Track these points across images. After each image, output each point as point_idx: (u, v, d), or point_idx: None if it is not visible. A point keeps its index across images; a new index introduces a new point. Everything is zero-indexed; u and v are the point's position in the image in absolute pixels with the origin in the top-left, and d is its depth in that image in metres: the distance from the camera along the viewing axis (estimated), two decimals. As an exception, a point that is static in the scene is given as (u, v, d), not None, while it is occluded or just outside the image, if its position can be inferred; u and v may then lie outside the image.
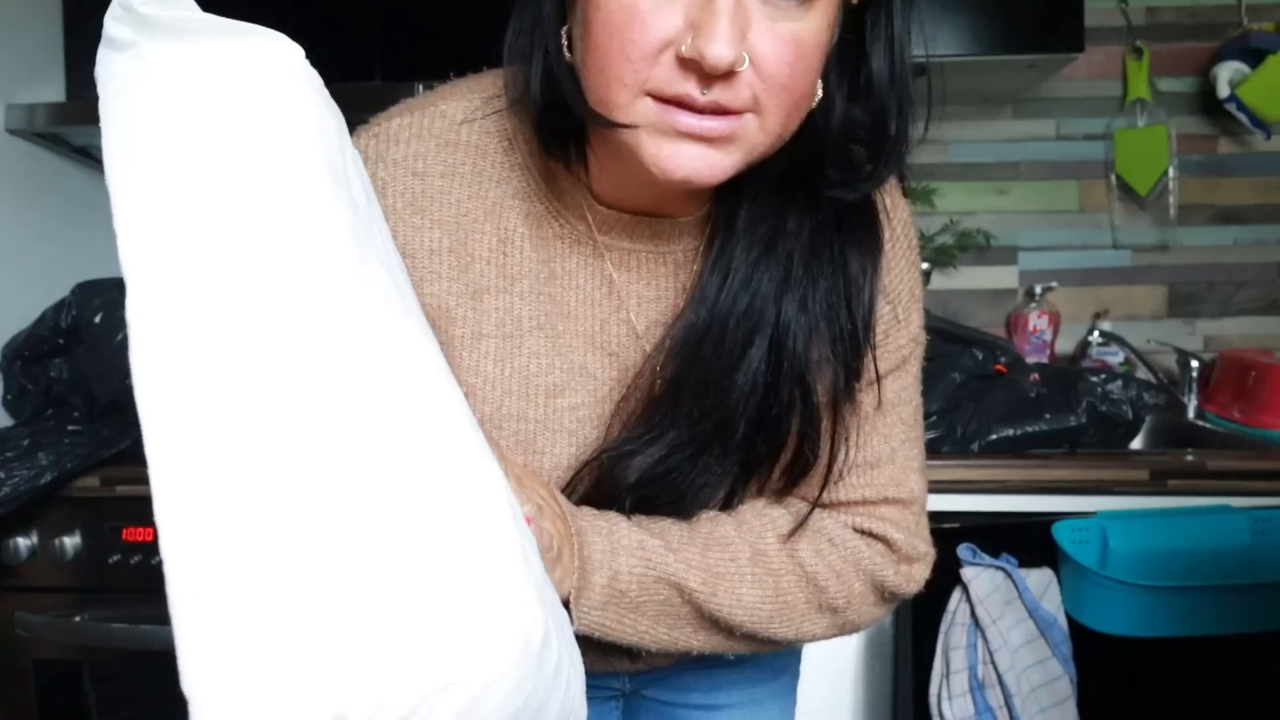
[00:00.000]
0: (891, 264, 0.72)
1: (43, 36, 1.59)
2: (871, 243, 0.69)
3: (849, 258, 0.68)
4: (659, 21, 0.55)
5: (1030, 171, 1.93)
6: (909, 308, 0.73)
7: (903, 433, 0.74)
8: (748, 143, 0.58)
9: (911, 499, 0.75)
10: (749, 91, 0.56)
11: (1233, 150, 1.91)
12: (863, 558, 0.73)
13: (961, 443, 1.32)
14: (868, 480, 0.73)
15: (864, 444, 0.72)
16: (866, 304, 0.68)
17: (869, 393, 0.71)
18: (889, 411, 0.73)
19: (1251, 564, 1.24)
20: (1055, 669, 1.24)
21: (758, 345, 0.67)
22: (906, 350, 0.73)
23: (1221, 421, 1.65)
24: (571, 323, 0.71)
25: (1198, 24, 1.88)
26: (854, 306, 0.68)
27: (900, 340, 0.72)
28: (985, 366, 1.40)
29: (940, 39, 1.54)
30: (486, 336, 0.70)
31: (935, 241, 1.90)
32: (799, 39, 0.56)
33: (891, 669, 1.32)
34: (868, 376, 0.70)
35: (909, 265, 0.73)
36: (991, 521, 1.28)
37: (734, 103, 0.56)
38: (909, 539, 0.74)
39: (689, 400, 0.67)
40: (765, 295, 0.67)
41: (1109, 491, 1.28)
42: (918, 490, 0.75)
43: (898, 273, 0.72)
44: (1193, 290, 1.93)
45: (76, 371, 1.44)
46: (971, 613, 1.24)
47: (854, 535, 0.73)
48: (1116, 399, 1.37)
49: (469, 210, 0.69)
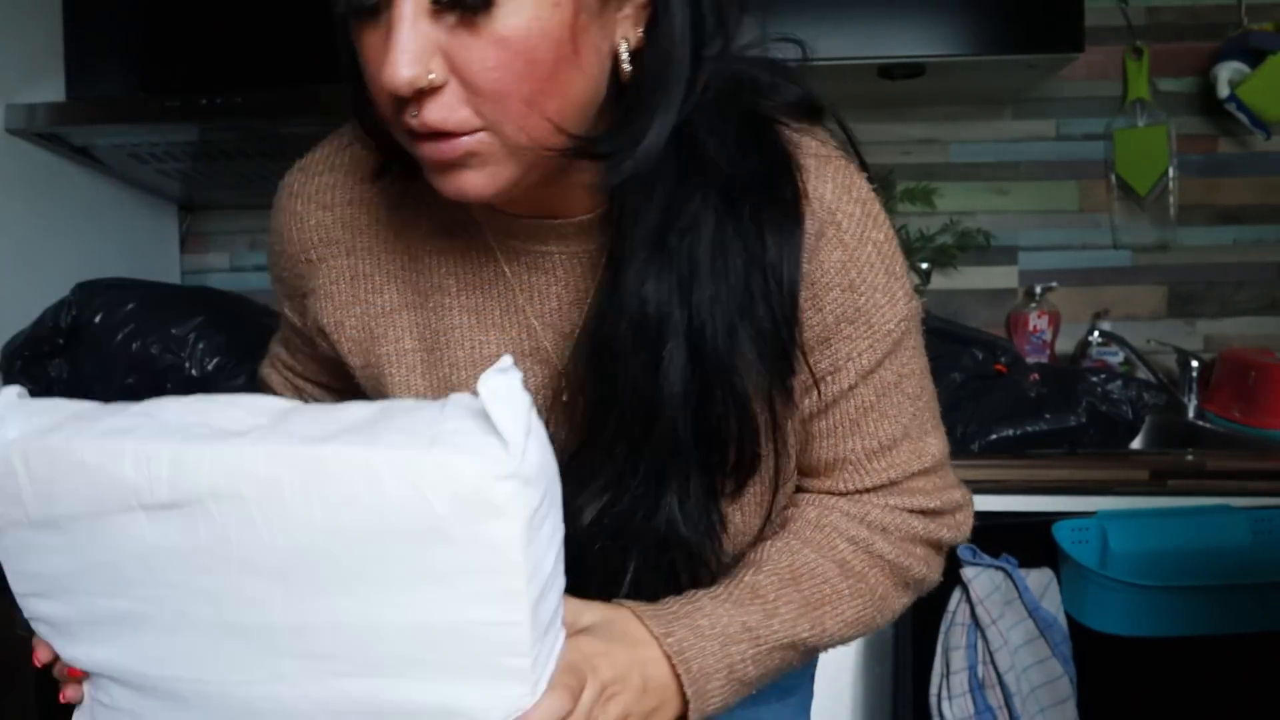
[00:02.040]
0: (828, 250, 0.65)
1: (43, 36, 1.59)
2: (787, 229, 0.63)
3: (765, 247, 0.63)
4: (371, 47, 0.54)
5: (1030, 171, 1.93)
6: (888, 290, 0.67)
7: (911, 407, 0.71)
8: (504, 153, 0.56)
9: (935, 463, 0.73)
10: (466, 107, 0.54)
11: (1233, 150, 1.91)
12: (915, 529, 0.73)
13: (961, 443, 1.32)
14: (888, 463, 0.71)
15: (875, 430, 0.70)
16: (786, 297, 0.63)
17: (867, 385, 0.69)
18: (891, 393, 0.70)
19: (1251, 564, 1.24)
20: (1055, 669, 1.24)
21: (673, 350, 0.62)
22: (898, 331, 0.69)
23: (1221, 421, 1.65)
24: (496, 332, 0.70)
25: (1198, 24, 1.88)
26: (772, 301, 0.63)
27: (887, 325, 0.68)
28: (985, 366, 1.40)
29: (940, 39, 1.54)
30: (410, 352, 0.71)
31: (935, 241, 1.90)
32: (502, 38, 0.52)
33: (891, 669, 1.32)
34: (854, 371, 0.68)
35: (871, 247, 0.66)
36: (991, 521, 1.28)
37: (449, 122, 0.54)
38: (945, 497, 0.74)
39: (618, 419, 0.64)
40: (666, 295, 0.61)
41: (1109, 491, 1.28)
42: (938, 451, 0.73)
43: (848, 259, 0.66)
44: (1193, 290, 1.93)
45: (76, 371, 1.44)
46: (971, 613, 1.24)
47: (898, 511, 0.72)
48: (1116, 399, 1.37)
49: (378, 233, 0.70)
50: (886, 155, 1.94)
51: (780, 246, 0.63)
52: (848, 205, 0.66)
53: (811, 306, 0.66)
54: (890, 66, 1.61)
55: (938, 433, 0.74)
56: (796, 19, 1.54)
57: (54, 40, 1.61)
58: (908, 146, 1.94)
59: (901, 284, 0.69)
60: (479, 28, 0.52)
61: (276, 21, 1.56)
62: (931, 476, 0.73)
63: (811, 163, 0.66)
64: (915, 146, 1.94)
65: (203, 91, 1.49)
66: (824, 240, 0.65)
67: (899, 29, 1.54)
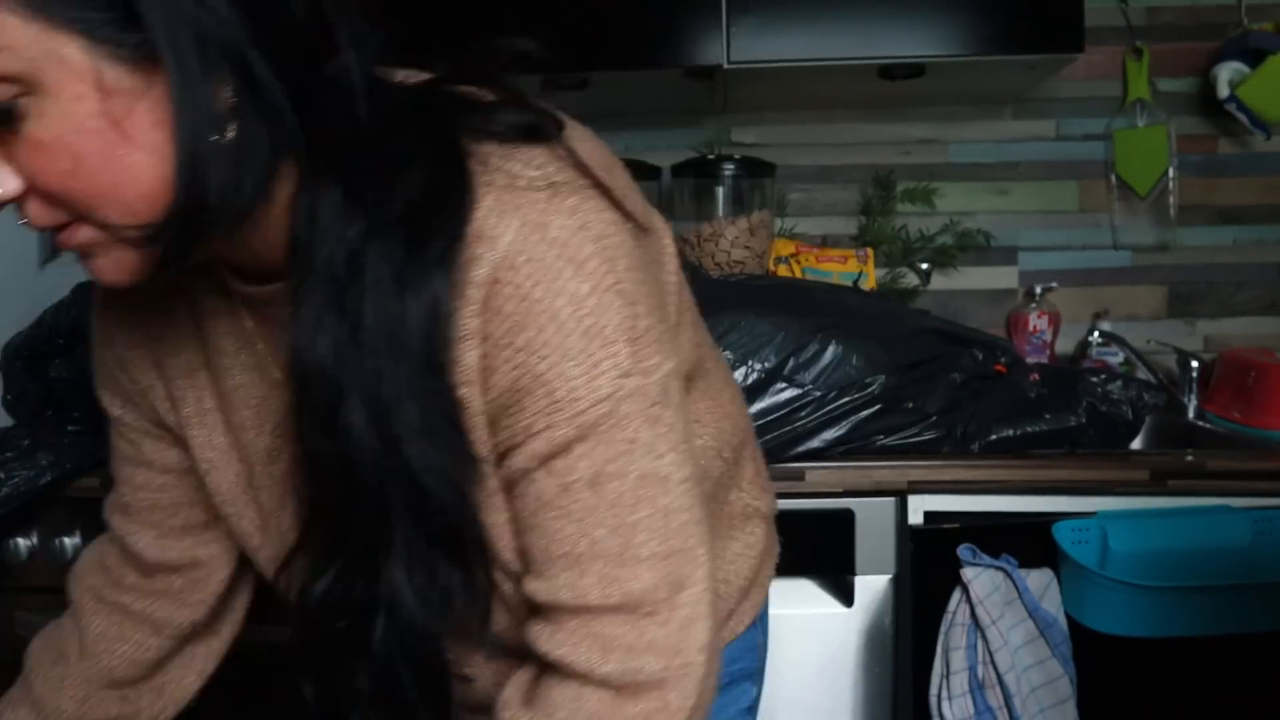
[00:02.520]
0: (501, 301, 0.55)
1: (43, 36, 1.59)
2: (437, 278, 0.54)
3: (422, 296, 0.54)
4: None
5: (1030, 171, 1.93)
6: (586, 357, 0.55)
7: (611, 518, 0.57)
8: (113, 239, 0.54)
9: (634, 604, 0.58)
10: (45, 206, 0.53)
11: (1233, 150, 1.91)
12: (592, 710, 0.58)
13: (961, 443, 1.32)
14: (568, 582, 0.58)
15: (555, 532, 0.58)
16: (434, 356, 0.55)
17: (548, 474, 0.57)
18: (580, 492, 0.57)
19: (1251, 564, 1.24)
20: (1055, 669, 1.24)
21: (352, 413, 0.55)
22: (598, 413, 0.56)
23: (1221, 421, 1.65)
24: (278, 389, 0.67)
25: (1198, 24, 1.88)
26: (431, 358, 0.55)
27: (578, 404, 0.55)
28: (985, 366, 1.40)
29: (940, 39, 1.54)
30: (210, 411, 0.71)
31: (935, 241, 1.90)
32: (38, 142, 0.51)
33: (891, 669, 1.32)
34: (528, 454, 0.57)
35: (563, 301, 0.55)
36: (991, 521, 1.28)
37: (50, 221, 0.54)
38: (642, 662, 0.57)
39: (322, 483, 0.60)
40: (331, 350, 0.55)
41: (1109, 492, 1.28)
42: (646, 587, 0.58)
43: (523, 314, 0.55)
44: (1193, 290, 1.93)
45: (76, 371, 1.44)
46: (971, 613, 1.24)
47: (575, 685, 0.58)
48: (1116, 399, 1.37)
49: (161, 299, 0.70)
50: (886, 155, 1.94)
51: (434, 296, 0.54)
52: (534, 248, 0.54)
53: (488, 367, 0.56)
54: (890, 66, 1.61)
55: (655, 568, 0.58)
56: (797, 19, 1.55)
57: (54, 40, 1.61)
58: (908, 146, 1.94)
59: (611, 352, 0.56)
60: (19, 136, 0.51)
61: (276, 21, 1.56)
62: (629, 624, 0.58)
63: (494, 198, 0.55)
64: (915, 146, 1.94)
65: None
66: (498, 288, 0.55)
67: (899, 29, 1.54)
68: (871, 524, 1.30)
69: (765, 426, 1.26)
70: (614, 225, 0.58)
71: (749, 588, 0.83)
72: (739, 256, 1.66)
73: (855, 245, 1.87)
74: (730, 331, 1.27)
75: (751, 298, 1.35)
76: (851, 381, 1.28)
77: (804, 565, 1.32)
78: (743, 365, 1.26)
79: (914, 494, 1.29)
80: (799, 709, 1.32)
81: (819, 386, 1.27)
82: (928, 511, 1.29)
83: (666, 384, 0.59)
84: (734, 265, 1.66)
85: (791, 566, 1.32)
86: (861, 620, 1.31)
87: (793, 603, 1.32)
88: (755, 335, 1.28)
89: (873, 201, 1.91)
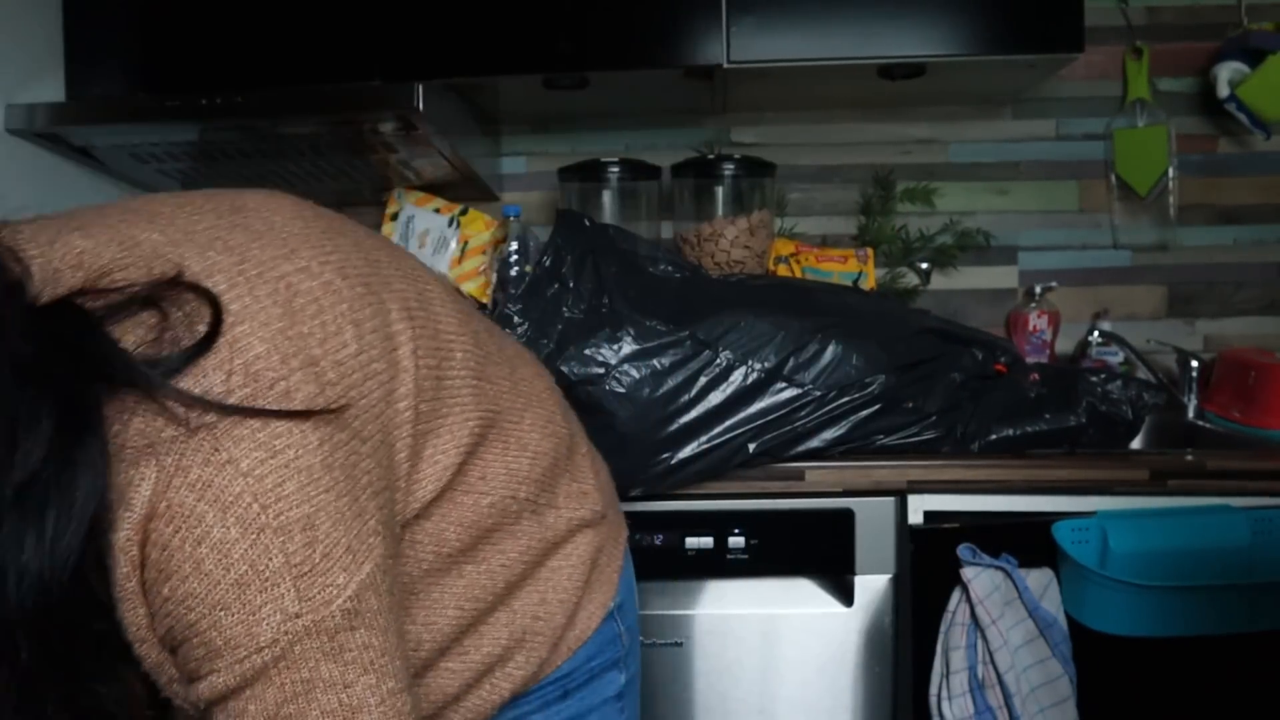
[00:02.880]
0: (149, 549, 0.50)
1: (43, 36, 1.59)
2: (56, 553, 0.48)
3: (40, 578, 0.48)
4: None
5: (1030, 171, 1.93)
6: (243, 606, 0.50)
7: None
8: None
9: None
10: None
11: (1232, 150, 1.91)
12: None
13: (961, 443, 1.32)
14: None
15: None
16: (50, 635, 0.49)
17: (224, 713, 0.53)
18: None
19: (1251, 564, 1.24)
20: (1055, 669, 1.24)
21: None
22: (263, 659, 0.51)
23: (1221, 421, 1.65)
24: None
25: (1198, 24, 1.88)
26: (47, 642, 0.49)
27: (239, 652, 0.51)
28: (985, 366, 1.40)
29: (940, 39, 1.54)
30: None
31: (935, 241, 1.91)
32: None
33: (891, 669, 1.32)
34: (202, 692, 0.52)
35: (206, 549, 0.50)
36: (991, 521, 1.28)
37: None
38: None
39: None
40: None
41: (1109, 491, 1.29)
42: None
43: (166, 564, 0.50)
44: (1193, 290, 1.93)
45: (76, 371, 1.44)
46: (971, 613, 1.24)
47: None
48: (1116, 399, 1.37)
49: None
50: (886, 155, 1.94)
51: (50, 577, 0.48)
52: (173, 494, 0.50)
53: (150, 613, 0.52)
54: (890, 66, 1.61)
55: None
56: (797, 19, 1.55)
57: (54, 40, 1.61)
58: (908, 146, 1.94)
59: (273, 596, 0.51)
60: None
61: (277, 21, 1.57)
62: None
63: (132, 449, 0.50)
64: (915, 146, 1.94)
65: (203, 91, 1.50)
66: (150, 536, 0.50)
67: (899, 29, 1.54)
68: (871, 524, 1.30)
69: (765, 426, 1.26)
70: (280, 441, 0.51)
71: (582, 595, 0.83)
72: (739, 256, 1.66)
73: (855, 245, 1.87)
74: (730, 331, 1.27)
75: (751, 298, 1.35)
76: (851, 381, 1.28)
77: (804, 565, 1.33)
78: (743, 365, 1.26)
79: (914, 494, 1.29)
80: (799, 709, 1.32)
81: (819, 386, 1.28)
82: (927, 511, 1.29)
83: (355, 604, 0.53)
84: (734, 265, 1.66)
85: (791, 566, 1.33)
86: (861, 620, 1.31)
87: (793, 602, 1.32)
88: (755, 335, 1.28)
89: (872, 201, 1.91)
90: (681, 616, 1.32)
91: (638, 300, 1.30)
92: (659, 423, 1.23)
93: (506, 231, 1.72)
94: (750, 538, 1.30)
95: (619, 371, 1.24)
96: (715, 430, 1.25)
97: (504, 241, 1.71)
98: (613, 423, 1.22)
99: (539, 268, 1.35)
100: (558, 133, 1.96)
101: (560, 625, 0.81)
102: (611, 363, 1.24)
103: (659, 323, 1.27)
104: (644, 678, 1.33)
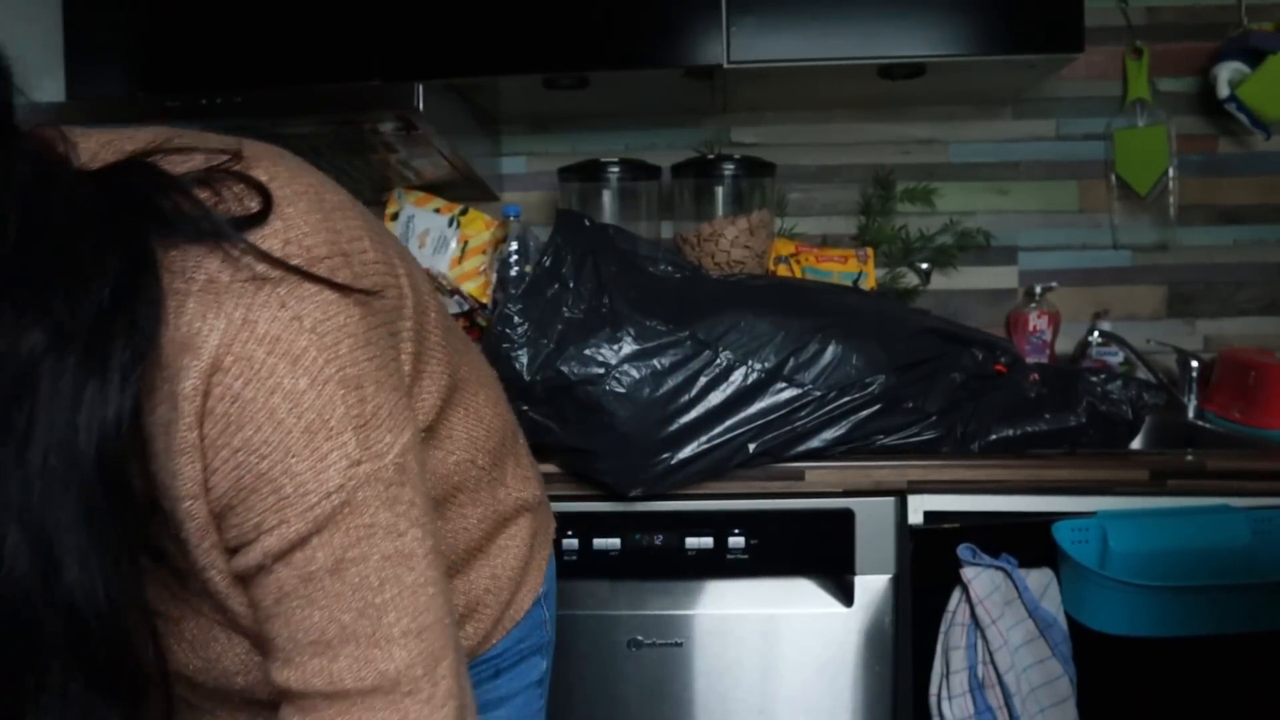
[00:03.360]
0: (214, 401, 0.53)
1: (42, 36, 1.59)
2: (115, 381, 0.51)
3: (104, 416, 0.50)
4: None
5: (1030, 171, 1.93)
6: (311, 452, 0.54)
7: (356, 601, 0.56)
8: None
9: (391, 684, 0.57)
10: None
11: (1232, 150, 1.91)
12: None
13: (961, 443, 1.32)
14: (319, 668, 0.56)
15: (302, 620, 0.56)
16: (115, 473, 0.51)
17: (287, 567, 0.55)
18: (323, 580, 0.56)
19: (1251, 564, 1.24)
20: (1055, 669, 1.24)
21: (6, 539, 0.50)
22: (329, 506, 0.55)
23: (1221, 421, 1.65)
24: None
25: (1198, 24, 1.88)
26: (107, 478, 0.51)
27: (308, 499, 0.54)
28: (985, 366, 1.40)
29: (940, 39, 1.54)
30: None
31: (935, 241, 1.91)
32: None
33: (891, 668, 1.32)
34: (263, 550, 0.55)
35: (279, 399, 0.53)
36: (991, 521, 1.28)
37: None
38: None
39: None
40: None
41: (1109, 491, 1.29)
42: (401, 666, 0.57)
43: (238, 414, 0.53)
44: (1193, 290, 1.93)
45: (76, 371, 1.44)
46: (971, 612, 1.24)
47: None
48: (1116, 399, 1.37)
49: None
50: (886, 155, 1.94)
51: (113, 415, 0.51)
52: (242, 347, 0.52)
53: (206, 468, 0.54)
54: (890, 66, 1.61)
55: (410, 645, 0.58)
56: (797, 19, 1.55)
57: (54, 40, 1.61)
58: (908, 146, 1.94)
59: (339, 444, 0.55)
60: None
61: (276, 21, 1.57)
62: (387, 707, 0.57)
63: (195, 302, 0.53)
64: (915, 146, 1.94)
65: (202, 91, 1.50)
66: (210, 395, 0.53)
67: (899, 29, 1.54)
68: (871, 524, 1.30)
69: (765, 426, 1.26)
70: (333, 307, 0.55)
71: (523, 575, 0.86)
72: (739, 256, 1.66)
73: (855, 245, 1.88)
74: (730, 331, 1.27)
75: (751, 298, 1.35)
76: (851, 381, 1.28)
77: (804, 565, 1.33)
78: (743, 365, 1.26)
79: (914, 494, 1.29)
80: (799, 708, 1.32)
81: (819, 386, 1.28)
82: (927, 511, 1.29)
83: (402, 460, 0.58)
84: (734, 265, 1.66)
85: (791, 566, 1.33)
86: (861, 620, 1.31)
87: (793, 602, 1.32)
88: (755, 335, 1.28)
89: (872, 201, 1.91)
90: (681, 616, 1.32)
91: (638, 300, 1.30)
92: (659, 423, 1.23)
93: (506, 231, 1.72)
94: (750, 538, 1.30)
95: (619, 371, 1.24)
96: (715, 430, 1.25)
97: (504, 241, 1.71)
98: (613, 423, 1.22)
99: (539, 268, 1.34)
100: (558, 133, 1.96)
101: (505, 601, 0.84)
102: (611, 363, 1.24)
103: (659, 323, 1.27)
104: (644, 678, 1.34)
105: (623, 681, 1.33)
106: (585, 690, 1.33)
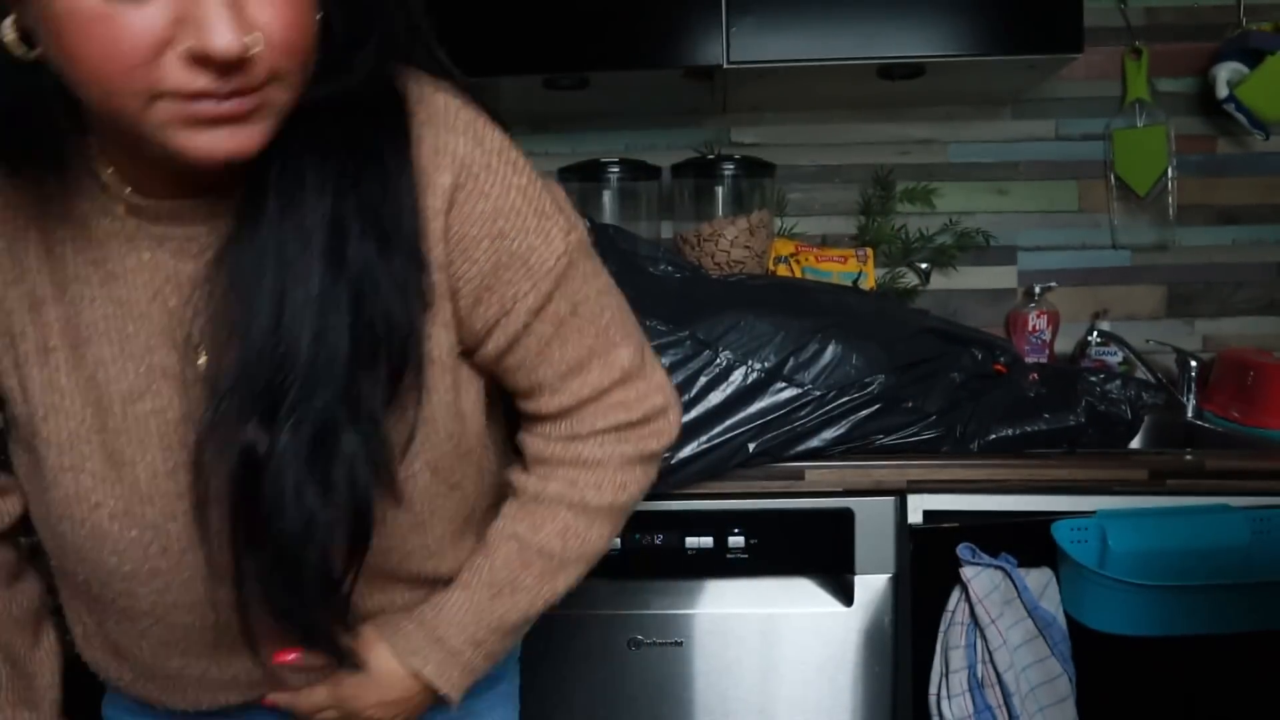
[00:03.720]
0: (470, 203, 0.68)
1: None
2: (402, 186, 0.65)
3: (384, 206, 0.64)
4: (142, 23, 0.51)
5: (1030, 171, 1.93)
6: (541, 230, 0.71)
7: (592, 328, 0.76)
8: (275, 107, 0.57)
9: (627, 373, 0.78)
10: (265, 64, 0.55)
11: (1232, 150, 1.91)
12: (627, 452, 0.78)
13: (960, 442, 1.32)
14: (582, 382, 0.76)
15: (562, 356, 0.75)
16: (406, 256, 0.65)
17: (541, 321, 0.73)
18: (568, 321, 0.74)
19: (1251, 564, 1.24)
20: (1054, 668, 1.24)
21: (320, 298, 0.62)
22: (560, 266, 0.72)
23: (1220, 421, 1.65)
24: (144, 323, 0.67)
25: (1197, 24, 1.88)
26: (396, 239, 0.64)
27: (546, 264, 0.71)
28: (984, 366, 1.40)
29: (940, 39, 1.54)
30: (54, 350, 0.67)
31: (935, 241, 1.91)
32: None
33: (891, 668, 1.32)
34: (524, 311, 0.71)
35: (516, 194, 0.69)
36: (990, 521, 1.28)
37: (254, 81, 0.55)
38: (646, 405, 0.79)
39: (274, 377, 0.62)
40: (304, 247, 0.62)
41: (1108, 491, 1.29)
42: (628, 360, 0.78)
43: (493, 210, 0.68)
44: (1192, 290, 1.93)
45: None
46: (970, 612, 1.24)
47: (607, 440, 0.77)
48: (1115, 399, 1.37)
49: (11, 219, 0.66)
50: (886, 155, 1.94)
51: (397, 204, 0.65)
52: (483, 157, 0.68)
53: (465, 259, 0.69)
54: (890, 66, 1.61)
55: (628, 342, 0.79)
56: (796, 19, 1.55)
57: (54, 40, 1.61)
58: (908, 146, 1.94)
59: (555, 221, 0.72)
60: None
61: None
62: (629, 387, 0.78)
63: (440, 118, 0.68)
64: (915, 146, 1.94)
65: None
66: (463, 194, 0.67)
67: (899, 29, 1.54)
68: (871, 523, 1.30)
69: (765, 426, 1.26)
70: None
71: None
72: (739, 256, 1.66)
73: (855, 245, 1.88)
74: (730, 331, 1.28)
75: (751, 298, 1.35)
76: (851, 381, 1.29)
77: (804, 564, 1.33)
78: (743, 365, 1.26)
79: (913, 493, 1.29)
80: (799, 708, 1.32)
81: (819, 386, 1.28)
82: (927, 511, 1.29)
83: (582, 232, 0.76)
84: (734, 265, 1.66)
85: (791, 566, 1.33)
86: (861, 619, 1.31)
87: (792, 602, 1.32)
88: (755, 335, 1.28)
89: (872, 201, 1.91)
90: (681, 616, 1.33)
91: (638, 300, 1.29)
92: (659, 422, 1.23)
93: (506, 231, 1.72)
94: (750, 537, 1.30)
95: (619, 371, 1.24)
96: (715, 430, 1.25)
97: (504, 241, 1.71)
98: (613, 422, 1.22)
99: (539, 268, 1.35)
100: (557, 133, 1.96)
101: None
102: (611, 362, 1.24)
103: (659, 323, 1.27)
104: (644, 677, 1.34)
105: (623, 681, 1.33)
106: (585, 690, 1.33)
